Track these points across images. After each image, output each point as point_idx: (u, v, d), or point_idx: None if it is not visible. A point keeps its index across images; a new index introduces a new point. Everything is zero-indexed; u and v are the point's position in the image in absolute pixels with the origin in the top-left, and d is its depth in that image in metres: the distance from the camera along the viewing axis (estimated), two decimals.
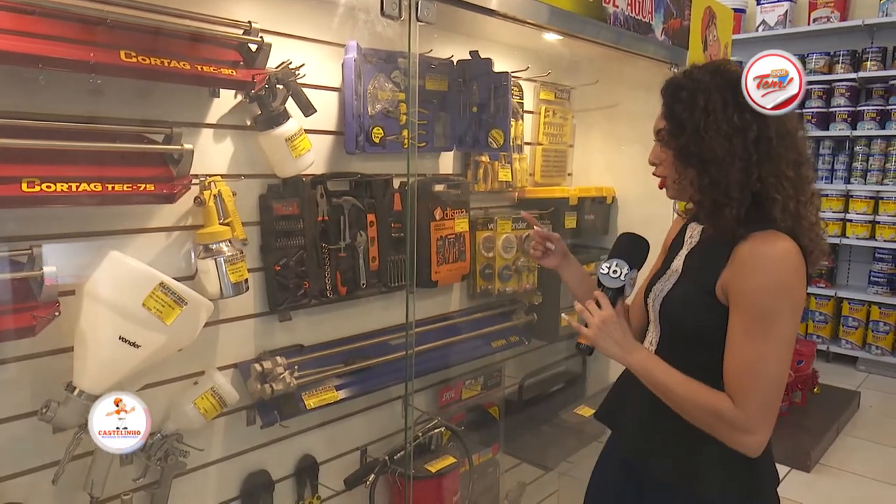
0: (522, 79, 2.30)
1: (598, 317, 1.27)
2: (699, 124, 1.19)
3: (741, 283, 1.16)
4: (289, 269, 1.65)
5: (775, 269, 1.14)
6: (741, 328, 1.16)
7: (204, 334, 1.44)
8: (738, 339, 1.16)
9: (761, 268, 1.14)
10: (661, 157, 1.30)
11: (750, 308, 1.15)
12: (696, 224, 1.35)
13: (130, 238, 1.40)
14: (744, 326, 1.16)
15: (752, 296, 1.15)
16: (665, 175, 1.31)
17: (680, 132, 1.23)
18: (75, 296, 1.26)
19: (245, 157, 1.57)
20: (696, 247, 1.33)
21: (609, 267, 1.31)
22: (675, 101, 1.24)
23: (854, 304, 5.00)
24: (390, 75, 1.82)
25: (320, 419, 1.80)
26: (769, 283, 1.14)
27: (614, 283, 1.30)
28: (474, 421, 2.29)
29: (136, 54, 1.24)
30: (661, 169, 1.32)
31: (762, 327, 1.14)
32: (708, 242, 1.29)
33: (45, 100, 1.24)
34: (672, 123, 1.25)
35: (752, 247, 1.16)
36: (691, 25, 2.30)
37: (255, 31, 1.47)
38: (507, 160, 2.26)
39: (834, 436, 3.76)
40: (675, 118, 1.24)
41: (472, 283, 2.21)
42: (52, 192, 1.15)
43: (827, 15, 5.13)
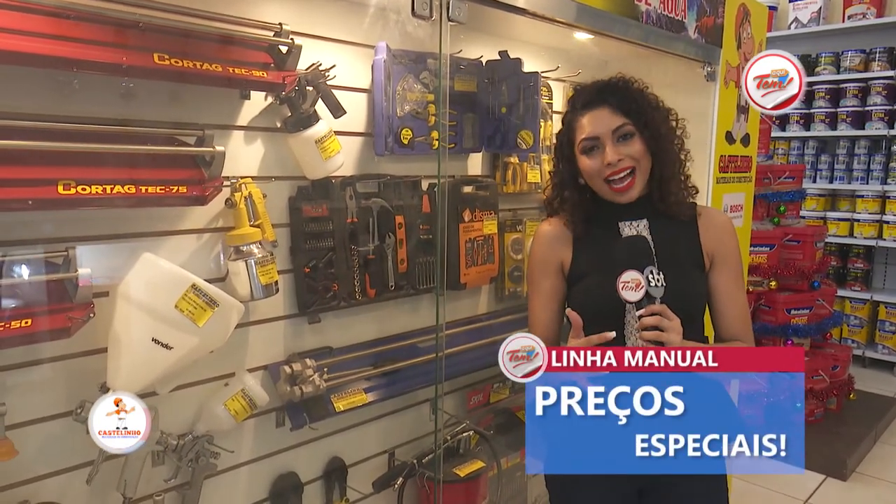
0: (552, 79, 2.27)
1: (677, 327, 1.24)
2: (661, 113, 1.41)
3: (727, 245, 1.42)
4: (318, 271, 1.64)
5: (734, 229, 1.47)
6: (734, 282, 1.41)
7: (234, 336, 1.44)
8: (734, 292, 1.40)
9: (734, 231, 1.45)
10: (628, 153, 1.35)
11: (736, 264, 1.42)
12: (630, 222, 1.41)
13: (162, 240, 1.41)
14: (735, 280, 1.41)
15: (736, 253, 1.42)
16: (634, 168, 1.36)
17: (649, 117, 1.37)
18: (109, 297, 1.27)
19: (275, 159, 1.58)
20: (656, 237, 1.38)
21: (652, 277, 1.25)
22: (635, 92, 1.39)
23: (891, 308, 4.86)
24: (419, 76, 1.81)
25: (349, 421, 1.80)
26: (738, 242, 1.45)
27: (659, 292, 1.25)
28: (502, 425, 2.27)
29: (168, 57, 1.25)
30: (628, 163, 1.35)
31: (741, 277, 1.43)
32: (664, 225, 1.40)
33: (79, 103, 1.26)
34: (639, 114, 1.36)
35: (718, 215, 1.48)
36: (725, 23, 2.25)
37: (286, 33, 1.47)
38: (535, 161, 2.23)
39: (871, 444, 3.65)
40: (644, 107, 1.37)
41: (500, 286, 2.19)
42: (87, 194, 1.16)
43: (863, 11, 5.00)
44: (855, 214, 5.02)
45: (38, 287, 1.17)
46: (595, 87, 1.40)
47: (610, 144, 1.34)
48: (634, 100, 1.37)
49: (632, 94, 1.38)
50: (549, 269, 1.47)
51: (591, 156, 1.37)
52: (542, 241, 1.48)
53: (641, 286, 1.24)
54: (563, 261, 1.46)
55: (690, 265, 1.39)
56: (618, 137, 1.35)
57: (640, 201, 1.40)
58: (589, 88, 1.41)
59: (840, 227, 5.07)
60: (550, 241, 1.47)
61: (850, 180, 5.06)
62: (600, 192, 1.40)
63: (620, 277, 1.24)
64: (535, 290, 1.49)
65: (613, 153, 1.34)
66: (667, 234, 1.40)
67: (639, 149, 1.35)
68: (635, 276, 1.24)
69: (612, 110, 1.35)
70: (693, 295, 1.38)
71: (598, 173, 1.37)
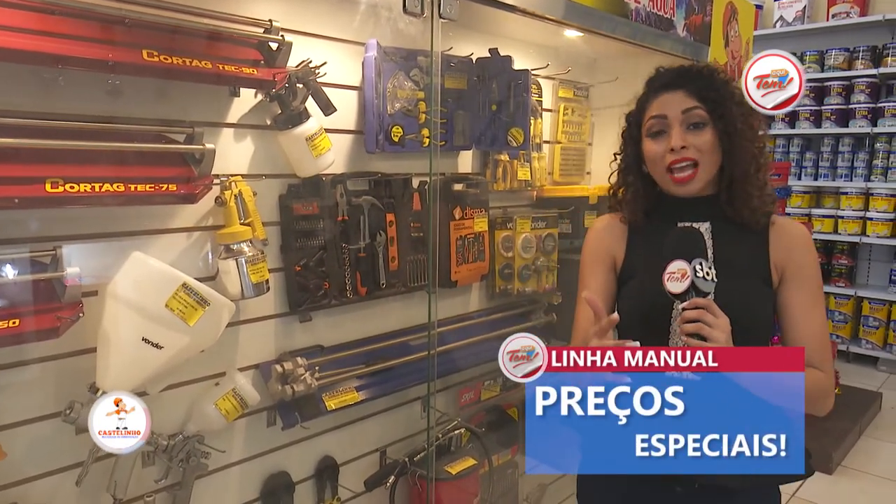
0: (541, 76, 2.28)
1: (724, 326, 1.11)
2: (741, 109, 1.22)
3: (801, 259, 1.25)
4: (309, 270, 1.64)
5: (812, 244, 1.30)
6: (810, 301, 1.24)
7: (225, 335, 1.43)
8: (809, 312, 1.24)
9: (811, 245, 1.28)
10: (696, 142, 1.22)
11: (812, 281, 1.25)
12: (691, 223, 1.26)
13: (152, 238, 1.39)
14: (811, 299, 1.24)
15: (812, 270, 1.26)
16: (697, 160, 1.22)
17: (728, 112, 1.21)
18: (98, 297, 1.26)
19: (265, 156, 1.57)
20: (718, 241, 1.25)
21: (701, 269, 1.13)
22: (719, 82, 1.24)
23: (875, 304, 4.92)
24: (409, 74, 1.81)
25: (340, 420, 1.79)
26: (815, 256, 1.29)
27: (708, 287, 1.14)
28: (493, 422, 2.27)
29: (157, 53, 1.23)
30: (691, 153, 1.22)
31: (820, 296, 1.27)
32: (732, 232, 1.26)
33: (66, 100, 1.24)
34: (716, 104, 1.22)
35: (793, 226, 1.28)
36: (713, 21, 2.26)
37: (276, 30, 1.46)
38: (526, 159, 2.24)
39: (856, 438, 3.70)
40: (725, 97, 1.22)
41: (491, 283, 2.19)
42: (75, 192, 1.15)
43: (846, 10, 5.06)
44: (839, 211, 5.08)
45: (26, 287, 1.15)
46: (676, 69, 1.28)
47: (677, 128, 1.22)
48: (715, 88, 1.23)
49: (714, 82, 1.24)
50: (599, 264, 1.36)
51: (657, 139, 1.25)
52: (595, 235, 1.38)
53: (687, 277, 1.12)
54: (615, 257, 1.35)
55: (751, 275, 1.24)
56: (688, 124, 1.23)
57: (706, 201, 1.27)
58: (669, 71, 1.30)
59: (825, 223, 5.13)
60: (603, 235, 1.37)
61: (834, 177, 5.11)
62: (661, 182, 1.28)
63: (667, 268, 1.13)
64: (582, 286, 1.36)
65: (679, 138, 1.22)
66: (730, 239, 1.26)
67: (707, 140, 1.22)
68: (682, 266, 1.13)
69: (688, 94, 1.23)
70: (747, 305, 1.21)
71: (660, 159, 1.24)
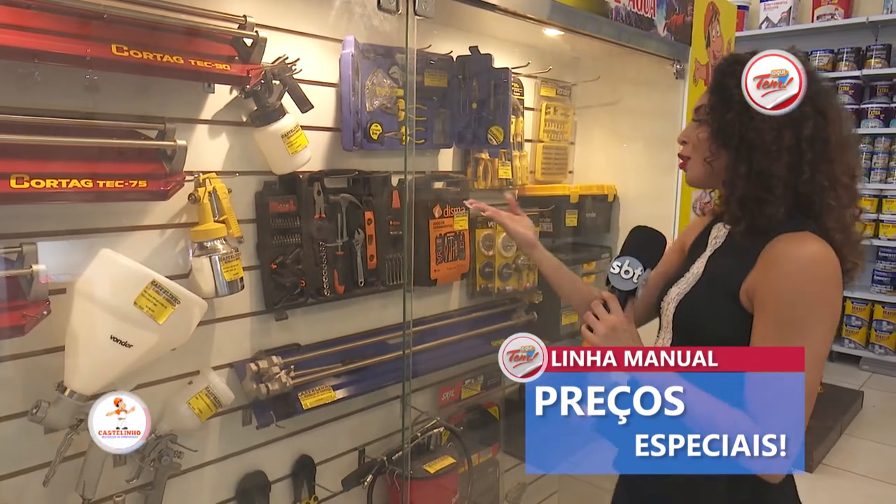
0: (523, 75, 2.27)
1: (606, 322, 1.14)
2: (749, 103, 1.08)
3: (769, 287, 1.05)
4: (285, 268, 1.62)
5: (809, 274, 1.02)
6: (771, 336, 1.04)
7: (199, 333, 1.42)
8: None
9: (795, 272, 1.03)
10: (692, 135, 1.20)
11: (778, 316, 1.03)
12: (722, 225, 1.24)
13: (124, 236, 1.38)
14: (774, 334, 1.04)
15: (781, 302, 1.03)
16: (690, 156, 1.21)
17: (725, 108, 1.11)
18: (67, 294, 1.24)
19: (241, 153, 1.55)
20: (720, 248, 1.22)
21: (620, 266, 1.17)
22: (727, 75, 1.12)
23: (857, 304, 4.97)
24: (389, 71, 1.80)
25: (318, 419, 1.78)
26: (801, 289, 1.02)
27: (626, 286, 1.16)
28: (474, 420, 2.27)
29: (127, 48, 1.22)
30: (687, 148, 1.22)
31: (790, 339, 1.02)
32: (734, 244, 1.17)
33: (41, 96, 1.22)
34: (718, 98, 1.14)
35: (783, 247, 1.05)
36: (694, 21, 2.27)
37: (251, 26, 1.45)
38: (507, 157, 2.23)
39: (837, 436, 3.74)
40: (724, 92, 1.12)
41: (471, 282, 2.19)
42: (41, 188, 1.13)
43: (831, 12, 5.10)
44: None
45: None
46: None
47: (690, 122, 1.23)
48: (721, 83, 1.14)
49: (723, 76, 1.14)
50: (674, 244, 1.36)
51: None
52: (688, 224, 1.40)
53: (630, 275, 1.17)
54: (684, 244, 1.36)
55: (720, 292, 1.14)
56: (695, 118, 1.21)
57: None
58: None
59: None
60: (692, 223, 1.39)
61: None
62: None
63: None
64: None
65: (682, 132, 1.23)
66: (727, 250, 1.20)
67: (698, 136, 1.19)
68: (617, 264, 1.19)
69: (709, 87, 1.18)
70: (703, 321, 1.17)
71: None
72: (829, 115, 1.08)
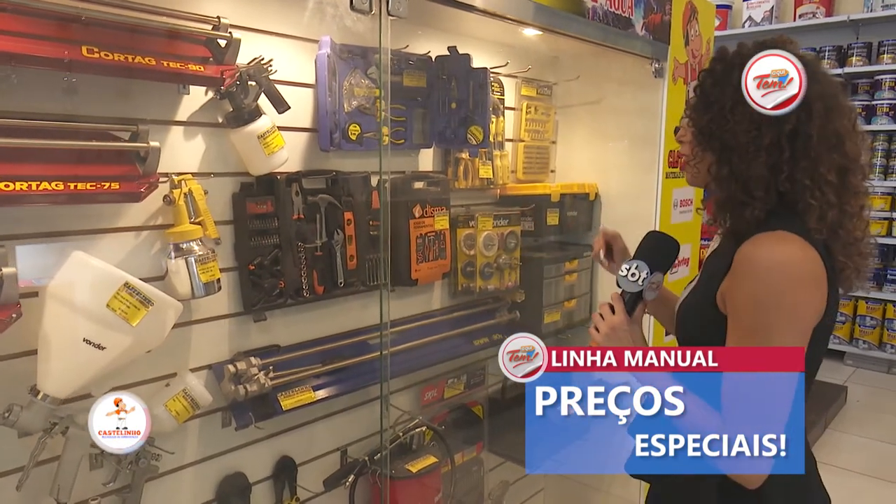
0: (503, 75, 2.28)
1: (608, 323, 1.17)
2: (727, 104, 1.06)
3: (735, 290, 1.04)
4: (264, 269, 1.62)
5: (766, 278, 1.00)
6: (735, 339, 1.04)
7: (176, 335, 1.42)
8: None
9: (752, 275, 1.01)
10: (685, 135, 1.19)
11: (740, 322, 1.03)
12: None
13: (98, 238, 1.37)
14: (736, 341, 1.04)
15: (742, 308, 1.02)
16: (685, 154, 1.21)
17: (705, 109, 1.10)
18: (39, 297, 1.23)
19: (217, 154, 1.55)
20: (714, 251, 1.21)
21: (628, 269, 1.20)
22: (709, 74, 1.12)
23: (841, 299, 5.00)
24: (367, 72, 1.80)
25: (299, 420, 1.78)
26: (759, 293, 1.00)
27: (631, 287, 1.19)
28: (458, 420, 2.27)
29: (98, 50, 1.21)
30: (684, 147, 1.21)
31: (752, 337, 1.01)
32: (722, 246, 1.16)
33: (20, 98, 1.21)
34: (698, 99, 1.13)
35: (751, 249, 1.03)
36: (672, 20, 2.28)
37: (224, 27, 1.45)
38: (487, 157, 2.24)
39: (821, 431, 3.77)
40: (704, 93, 1.11)
41: (453, 282, 2.19)
42: (10, 191, 1.13)
43: (812, 11, 5.15)
44: None
45: None
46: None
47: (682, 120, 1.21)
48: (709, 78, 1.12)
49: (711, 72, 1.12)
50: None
51: None
52: None
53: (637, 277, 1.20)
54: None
55: (702, 295, 1.16)
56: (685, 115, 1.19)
57: None
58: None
59: None
60: None
61: None
62: None
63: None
64: None
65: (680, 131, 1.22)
66: (718, 254, 1.18)
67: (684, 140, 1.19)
68: (625, 267, 1.21)
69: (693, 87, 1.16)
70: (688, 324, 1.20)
71: None
72: (814, 109, 1.04)
